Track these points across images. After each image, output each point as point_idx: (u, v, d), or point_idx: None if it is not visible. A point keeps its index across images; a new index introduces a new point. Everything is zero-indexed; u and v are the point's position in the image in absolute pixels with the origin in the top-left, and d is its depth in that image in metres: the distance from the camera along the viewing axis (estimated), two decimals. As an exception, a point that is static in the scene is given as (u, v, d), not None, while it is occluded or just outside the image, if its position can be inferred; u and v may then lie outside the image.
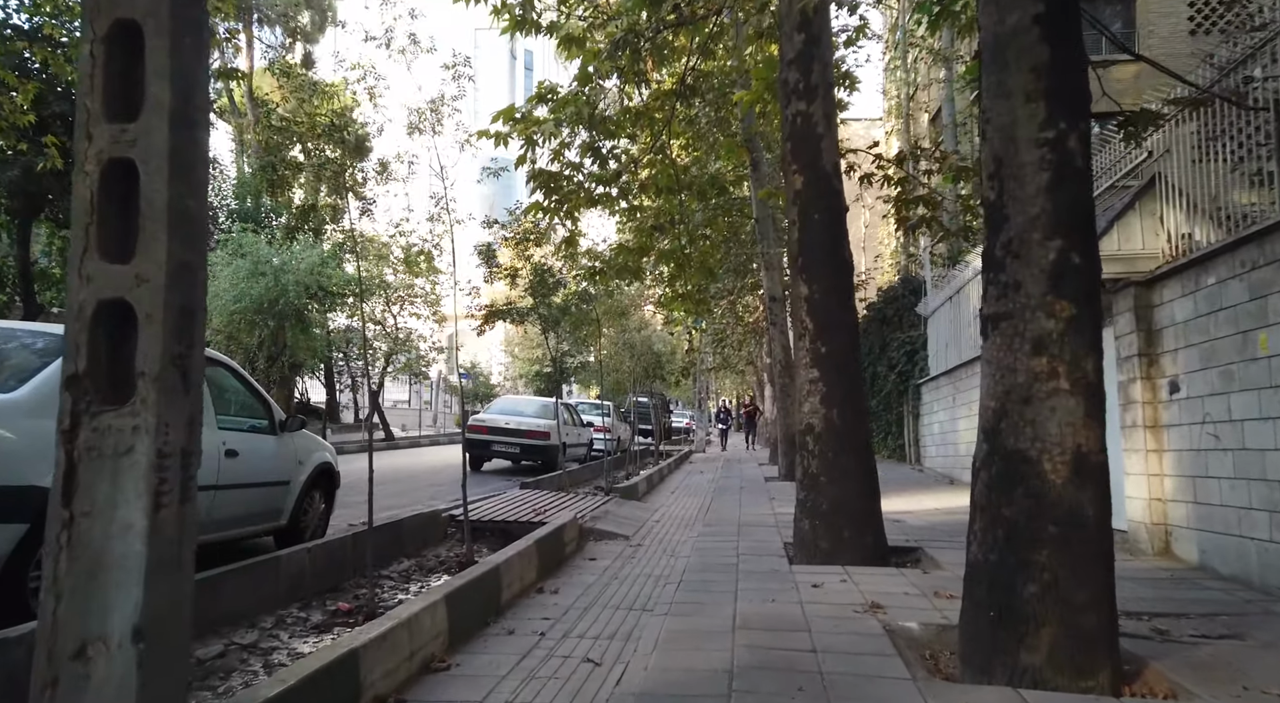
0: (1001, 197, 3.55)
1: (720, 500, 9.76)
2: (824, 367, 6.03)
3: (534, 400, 15.78)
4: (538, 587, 4.90)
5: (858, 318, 6.33)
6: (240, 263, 17.44)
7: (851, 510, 5.86)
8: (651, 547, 6.57)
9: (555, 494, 9.07)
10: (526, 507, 7.77)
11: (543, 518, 7.06)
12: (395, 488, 10.45)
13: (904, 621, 4.02)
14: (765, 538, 6.73)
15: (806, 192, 6.17)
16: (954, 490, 10.42)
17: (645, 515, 8.35)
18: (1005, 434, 3.47)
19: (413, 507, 8.28)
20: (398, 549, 5.90)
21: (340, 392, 35.44)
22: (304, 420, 5.50)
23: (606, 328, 14.87)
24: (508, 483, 11.44)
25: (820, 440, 5.98)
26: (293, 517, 5.38)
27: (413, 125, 5.82)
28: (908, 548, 6.34)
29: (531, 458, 13.35)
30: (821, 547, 5.84)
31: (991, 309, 3.59)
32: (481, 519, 6.94)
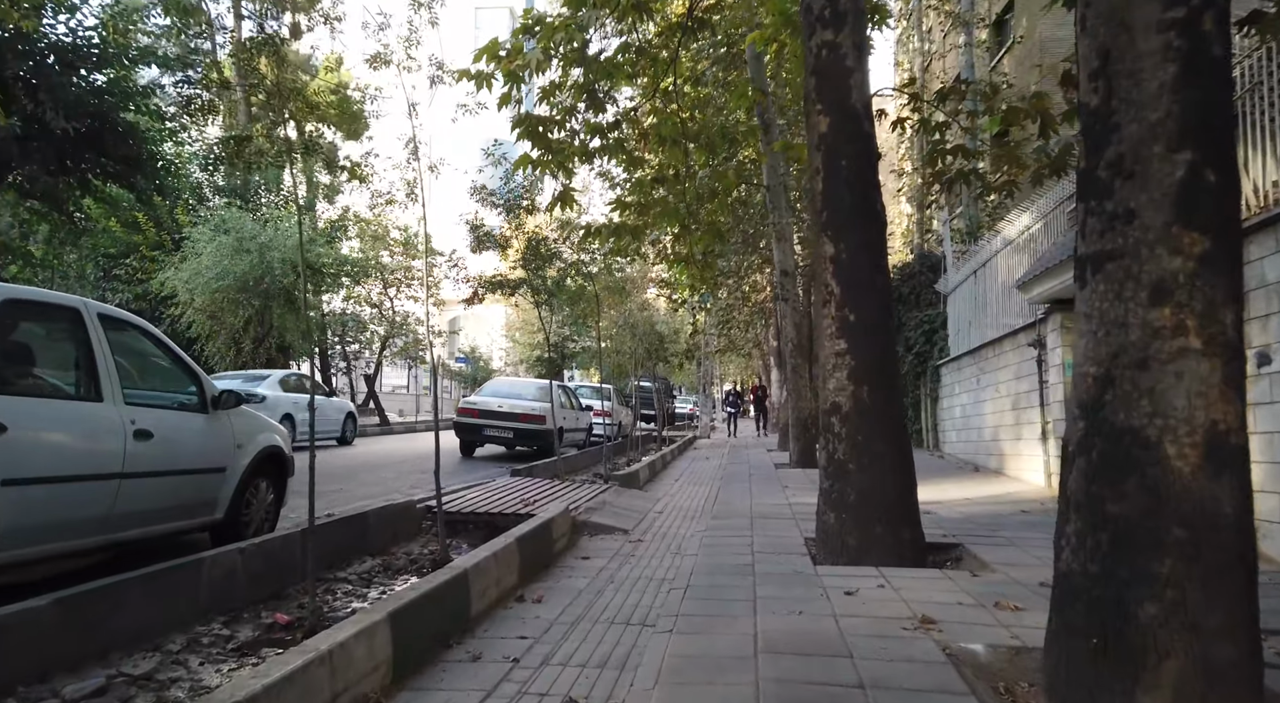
0: (1109, 101, 2.73)
1: (729, 489, 8.99)
2: (853, 337, 5.23)
3: (530, 383, 15.00)
4: (518, 594, 4.12)
5: (891, 281, 5.53)
6: (223, 239, 16.64)
7: (884, 502, 5.08)
8: (654, 543, 5.79)
9: (548, 483, 8.30)
10: (515, 497, 7.00)
11: (531, 510, 6.29)
12: (379, 475, 9.70)
13: (966, 642, 3.25)
14: (782, 533, 5.95)
15: (833, 134, 5.35)
16: (981, 478, 9.64)
17: (647, 506, 7.59)
18: (1113, 409, 2.67)
19: (389, 496, 7.53)
20: (362, 546, 5.13)
21: (335, 376, 34.73)
22: (241, 396, 4.70)
23: (607, 307, 14.08)
24: (500, 470, 10.68)
25: (848, 422, 5.19)
26: (231, 510, 4.60)
27: (379, 57, 4.96)
28: (946, 545, 5.56)
29: (526, 443, 12.59)
30: (849, 544, 5.06)
31: (1092, 247, 2.78)
32: (461, 511, 6.17)
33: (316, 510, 6.60)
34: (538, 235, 9.08)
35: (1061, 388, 7.94)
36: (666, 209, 6.26)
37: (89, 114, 12.42)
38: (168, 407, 4.28)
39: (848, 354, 5.25)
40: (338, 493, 7.85)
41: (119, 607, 3.08)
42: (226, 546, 3.81)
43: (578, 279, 10.65)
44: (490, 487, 7.67)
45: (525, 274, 8.87)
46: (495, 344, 52.29)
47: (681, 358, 19.46)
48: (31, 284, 17.41)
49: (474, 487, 7.67)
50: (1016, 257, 9.77)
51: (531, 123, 5.80)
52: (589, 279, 10.54)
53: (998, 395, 10.23)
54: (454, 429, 12.99)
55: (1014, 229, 9.87)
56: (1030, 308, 8.89)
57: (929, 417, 13.93)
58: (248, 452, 4.73)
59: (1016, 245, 9.83)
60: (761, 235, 14.97)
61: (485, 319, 54.28)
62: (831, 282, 5.36)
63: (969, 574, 4.61)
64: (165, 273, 16.74)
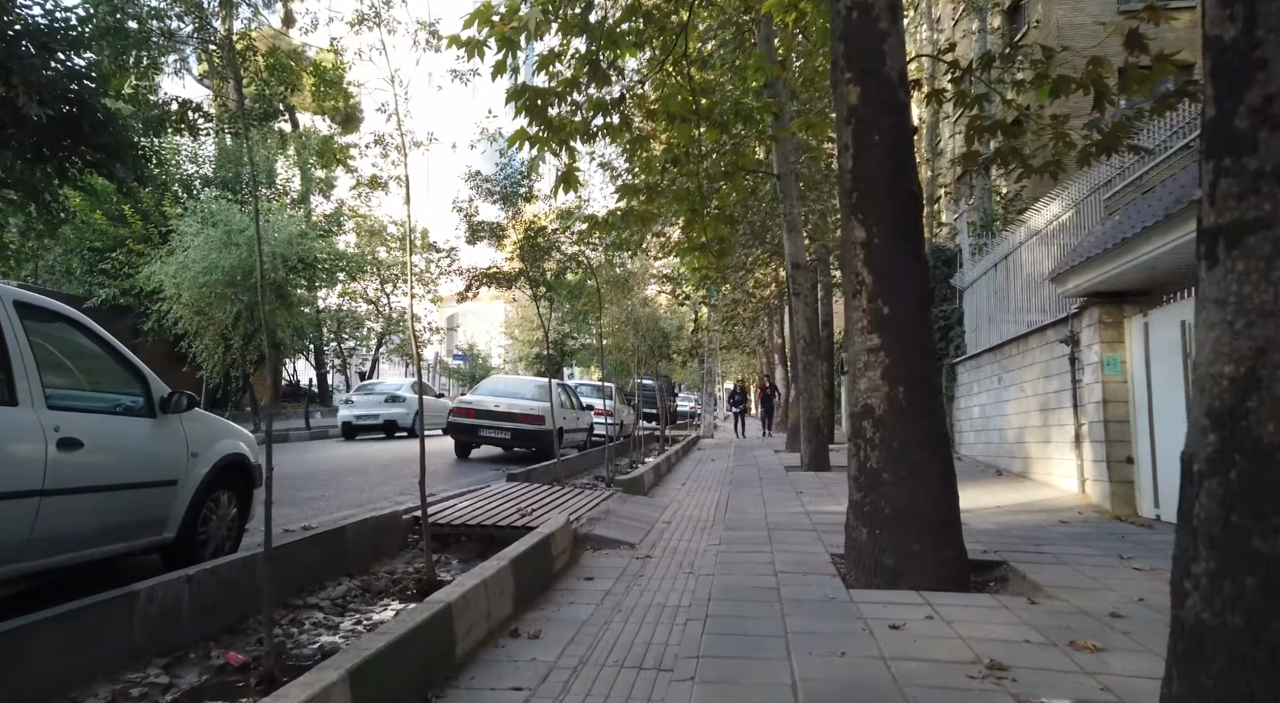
0: (1251, 30, 2.17)
1: (739, 495, 8.44)
2: (887, 332, 4.69)
3: (528, 381, 14.42)
4: (512, 628, 3.57)
5: (928, 269, 4.99)
6: (211, 232, 16.07)
7: (924, 517, 4.53)
8: (663, 560, 5.25)
9: (547, 488, 7.75)
10: (511, 505, 6.45)
11: (529, 520, 5.74)
12: (368, 480, 9.15)
13: (1049, 696, 2.70)
14: (805, 548, 5.40)
15: (864, 105, 4.79)
16: (1006, 483, 9.10)
17: (653, 515, 7.04)
18: (1259, 418, 2.11)
19: (375, 504, 6.98)
20: (339, 565, 4.58)
21: (329, 373, 34.20)
22: (193, 398, 4.13)
23: (608, 303, 13.52)
24: (496, 473, 10.14)
25: (882, 426, 4.65)
26: (184, 528, 4.03)
27: (361, 15, 4.38)
28: (988, 562, 5.02)
29: (524, 445, 12.02)
30: (885, 564, 4.52)
31: (1227, 216, 2.22)
32: (453, 523, 5.62)
33: (293, 522, 6.07)
34: (535, 226, 8.53)
35: (1099, 388, 7.39)
36: (679, 192, 5.71)
37: (66, 99, 11.87)
38: (104, 411, 3.71)
39: (881, 351, 4.71)
40: (319, 501, 7.30)
41: (26, 654, 2.53)
42: (171, 573, 3.26)
43: (577, 272, 10.09)
44: (485, 493, 7.12)
45: (522, 266, 8.30)
46: (494, 341, 51.74)
47: (685, 355, 18.88)
48: (11, 279, 16.86)
49: (467, 493, 7.11)
50: (1044, 248, 9.22)
51: (529, 95, 5.24)
52: (591, 273, 9.98)
53: (1022, 395, 9.69)
54: (448, 430, 12.43)
55: (1041, 219, 9.32)
56: (1064, 302, 8.35)
57: (945, 416, 13.36)
58: (205, 461, 4.16)
59: (1044, 236, 9.28)
60: (769, 229, 14.41)
61: (484, 316, 53.71)
62: (862, 270, 4.81)
63: (1025, 601, 4.06)
64: (151, 267, 16.17)
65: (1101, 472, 7.40)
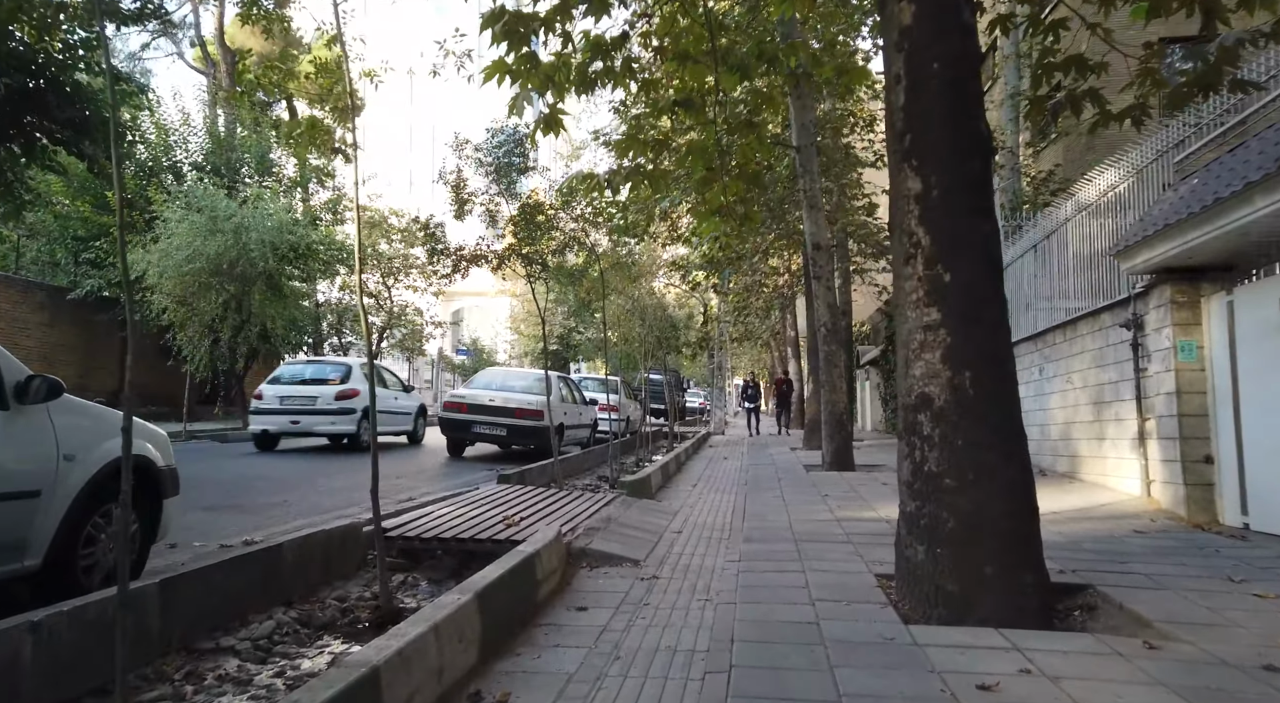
0: None
1: (758, 498, 7.56)
2: (948, 305, 3.80)
3: (526, 373, 13.49)
4: (472, 690, 2.70)
5: (999, 229, 4.08)
6: (195, 218, 15.25)
7: (997, 531, 3.65)
8: (673, 580, 4.37)
9: (542, 492, 6.89)
10: (497, 513, 5.58)
11: (515, 532, 4.88)
12: (342, 482, 8.30)
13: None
14: (843, 565, 4.52)
15: (920, 28, 3.90)
16: (1055, 485, 8.18)
17: (661, 522, 6.16)
18: None
19: (342, 512, 6.13)
20: (275, 593, 3.72)
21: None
22: (57, 384, 3.24)
23: (613, 292, 12.66)
24: (489, 473, 9.29)
25: (943, 421, 3.76)
26: (55, 552, 3.15)
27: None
28: (1070, 586, 4.12)
29: (522, 442, 11.15)
30: (948, 590, 3.64)
31: None
32: (423, 536, 4.75)
33: (240, 534, 5.20)
34: (533, 200, 7.67)
35: (1171, 377, 6.47)
36: (694, 145, 4.82)
37: (31, 72, 11.08)
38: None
39: (941, 328, 3.81)
40: (277, 508, 6.45)
41: None
42: (9, 619, 2.40)
43: (580, 254, 9.22)
44: (470, 498, 6.25)
45: (515, 243, 7.44)
46: (500, 336, 50.85)
47: (694, 348, 17.98)
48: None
49: (450, 498, 6.25)
50: (1095, 224, 8.28)
51: (509, 21, 4.35)
52: (594, 257, 9.10)
53: (1070, 387, 8.76)
54: (440, 426, 11.58)
55: (1092, 191, 8.37)
56: (1120, 283, 7.42)
57: (974, 412, 12.43)
58: (85, 465, 3.28)
59: (1094, 210, 8.34)
60: (785, 209, 13.46)
61: (489, 311, 52.86)
62: (917, 229, 3.91)
63: (1140, 644, 3.16)
64: (133, 254, 15.37)
65: (1173, 473, 6.48)
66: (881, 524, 5.92)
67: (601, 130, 13.29)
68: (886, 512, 6.54)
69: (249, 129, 21.05)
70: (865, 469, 10.00)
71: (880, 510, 6.60)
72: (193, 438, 13.92)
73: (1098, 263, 8.06)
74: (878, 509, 6.66)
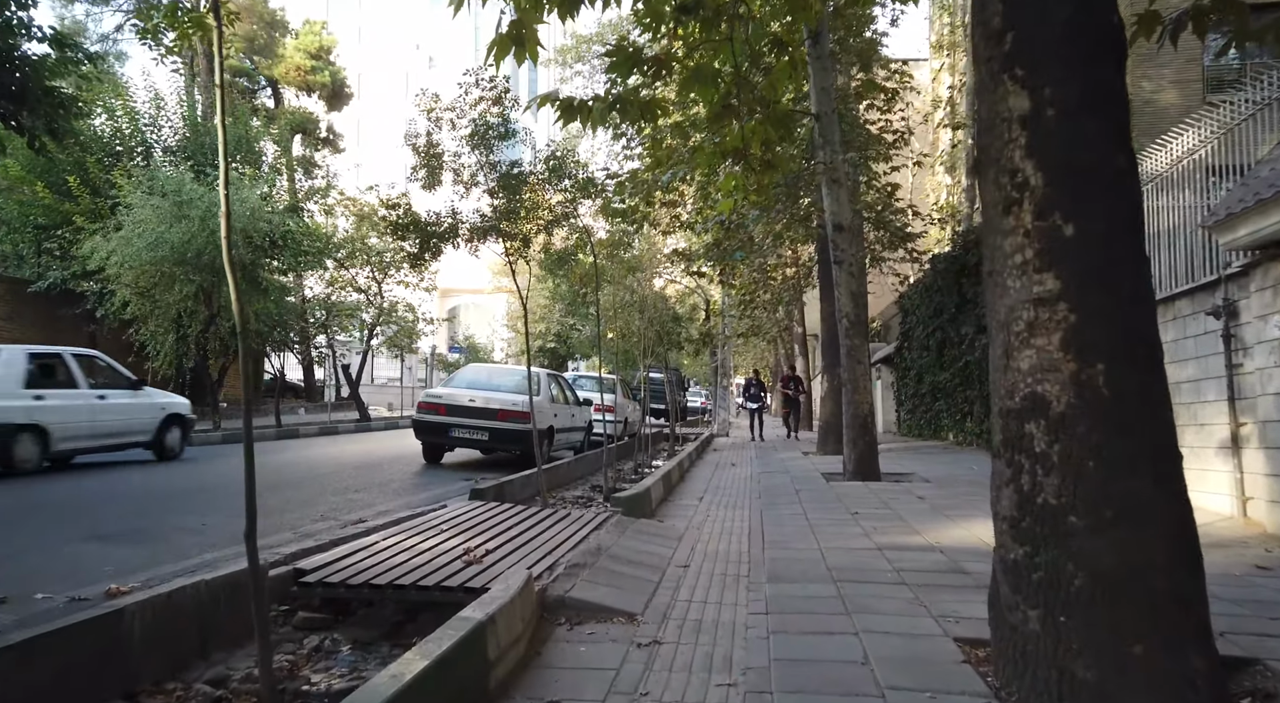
0: None
1: (776, 516, 6.44)
2: (1070, 270, 2.69)
3: (512, 370, 12.32)
4: None
5: (1137, 163, 2.96)
6: (159, 203, 14.10)
7: (1148, 593, 2.54)
8: (680, 649, 3.23)
9: (520, 510, 5.76)
10: (458, 543, 4.46)
11: (475, 575, 3.75)
12: (293, 496, 7.16)
13: None
14: (906, 623, 3.39)
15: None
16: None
17: (663, 552, 5.03)
18: None
19: (265, 540, 4.97)
20: (111, 679, 2.60)
21: (322, 368, 32.31)
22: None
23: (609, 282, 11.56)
24: (468, 484, 8.17)
25: (1064, 432, 2.65)
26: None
27: None
28: (1232, 660, 3.00)
29: (506, 447, 10.01)
30: (1079, 678, 2.54)
31: None
32: (348, 582, 3.61)
33: (125, 572, 4.06)
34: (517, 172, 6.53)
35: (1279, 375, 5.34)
36: (701, 68, 3.69)
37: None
38: None
39: (1060, 302, 2.69)
40: (191, 536, 5.27)
41: None
42: None
43: (572, 236, 8.10)
44: (429, 521, 5.12)
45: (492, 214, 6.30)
46: (497, 335, 49.64)
47: (697, 344, 16.82)
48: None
49: (405, 522, 5.11)
50: (1167, 196, 7.15)
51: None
52: (585, 240, 7.99)
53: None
54: (414, 429, 10.43)
55: (1163, 159, 7.24)
56: (1203, 265, 6.31)
57: (1006, 413, 11.30)
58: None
59: (1164, 182, 7.21)
60: (795, 196, 12.32)
61: (486, 308, 51.68)
62: (1023, 165, 2.79)
63: None
64: (93, 241, 14.21)
65: None
66: (935, 556, 4.80)
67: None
68: (935, 536, 5.41)
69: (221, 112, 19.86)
70: (892, 479, 8.87)
71: (927, 535, 5.48)
72: (151, 441, 12.77)
73: (1171, 241, 6.93)
74: (924, 533, 5.54)
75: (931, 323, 14.47)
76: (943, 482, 8.53)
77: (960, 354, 12.94)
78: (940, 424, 14.67)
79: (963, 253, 12.80)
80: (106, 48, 23.08)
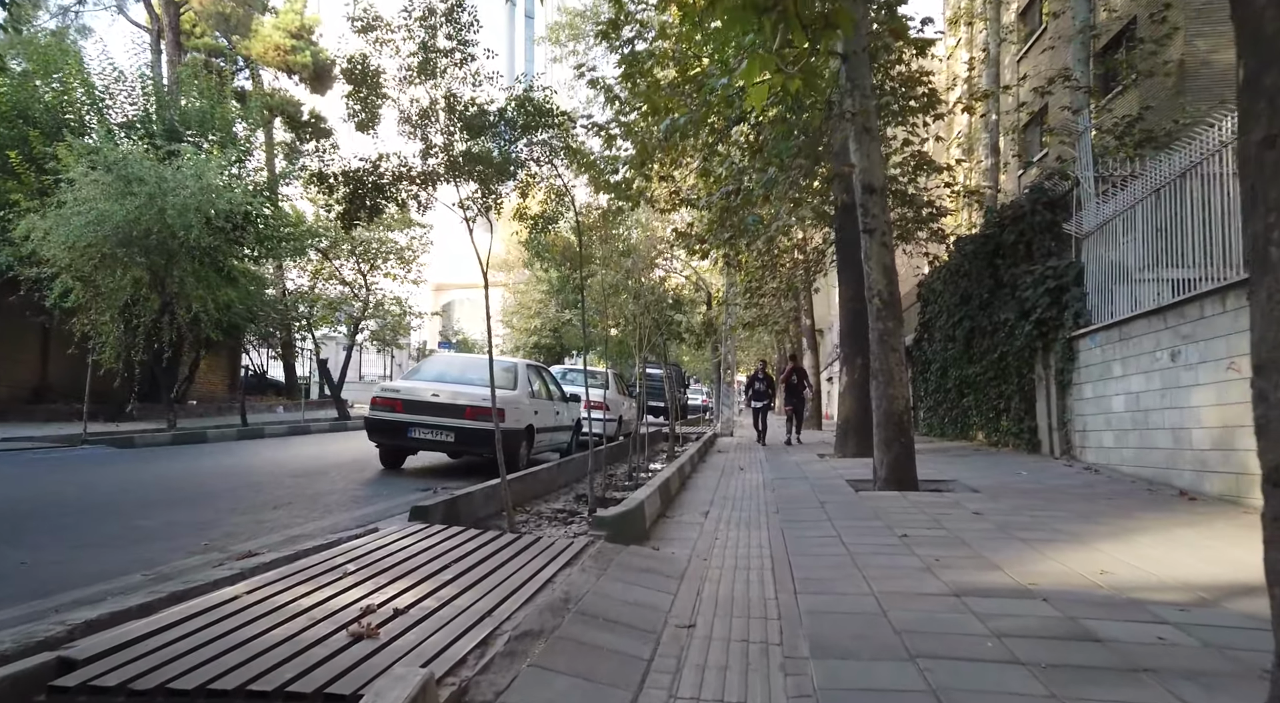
0: None
1: (803, 540, 5.05)
2: None
3: (486, 361, 10.73)
4: None
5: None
6: (102, 177, 12.67)
7: None
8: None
9: (469, 538, 4.37)
10: (358, 597, 3.07)
11: (354, 661, 2.35)
12: (212, 509, 5.78)
13: None
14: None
15: None
16: (1210, 515, 5.67)
17: (657, 602, 3.63)
18: None
19: (111, 586, 3.60)
20: None
21: (300, 362, 30.94)
22: None
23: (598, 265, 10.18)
24: (424, 496, 6.78)
25: None
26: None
27: None
28: None
29: (476, 450, 8.57)
30: None
31: None
32: (130, 686, 2.20)
33: None
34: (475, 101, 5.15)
35: None
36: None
37: None
38: None
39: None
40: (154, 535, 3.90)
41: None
42: None
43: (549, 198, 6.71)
44: (337, 555, 3.73)
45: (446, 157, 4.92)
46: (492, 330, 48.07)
47: (699, 335, 15.37)
48: None
49: (305, 556, 3.72)
50: None
51: None
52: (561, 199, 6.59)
53: (1227, 378, 6.27)
54: (366, 430, 8.99)
55: None
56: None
57: (1053, 408, 9.92)
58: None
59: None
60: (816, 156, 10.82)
61: (480, 303, 50.20)
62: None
63: None
64: (28, 221, 12.78)
65: None
66: (1040, 608, 3.41)
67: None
68: (1023, 573, 4.02)
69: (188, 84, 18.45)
70: (932, 488, 7.49)
71: (1011, 570, 4.08)
72: (85, 442, 11.39)
73: None
74: (1005, 568, 4.15)
75: (958, 311, 13.07)
76: (994, 492, 7.14)
77: (995, 345, 11.54)
78: (968, 423, 13.28)
79: (997, 231, 11.40)
80: (65, 21, 21.71)
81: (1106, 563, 4.25)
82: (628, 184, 11.05)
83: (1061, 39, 14.33)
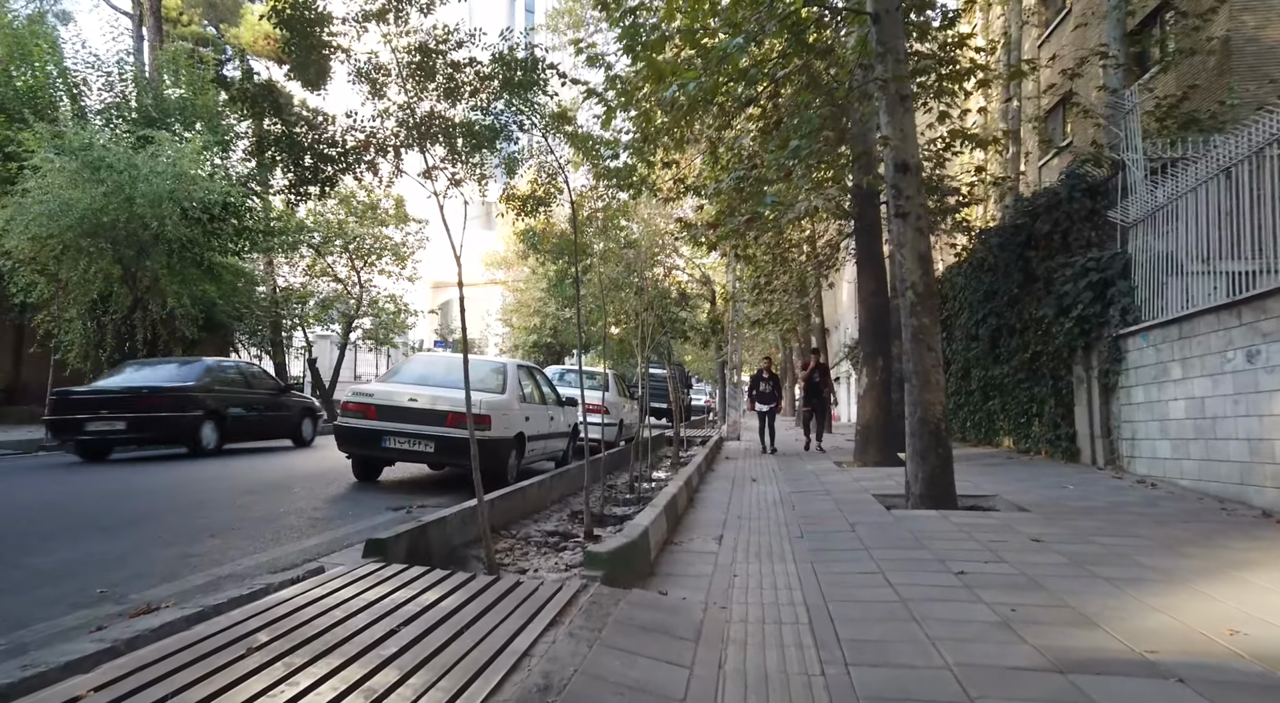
0: None
1: (839, 579, 4.20)
2: None
3: (477, 362, 9.88)
4: None
5: None
6: (66, 163, 11.83)
7: None
8: None
9: (433, 582, 3.50)
10: (254, 693, 2.20)
11: None
12: (134, 537, 4.94)
13: None
14: None
15: None
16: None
17: (667, 685, 2.78)
18: None
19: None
20: None
21: (296, 364, 30.14)
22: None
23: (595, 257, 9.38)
24: (400, 513, 5.92)
25: None
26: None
27: None
28: None
29: (459, 461, 7.67)
30: None
31: None
32: None
33: None
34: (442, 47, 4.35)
35: None
36: None
37: None
38: None
39: None
40: None
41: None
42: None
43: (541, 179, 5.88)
44: (250, 613, 2.88)
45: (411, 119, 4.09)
46: (490, 329, 47.15)
47: (704, 333, 14.47)
48: None
49: (209, 619, 2.87)
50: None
51: None
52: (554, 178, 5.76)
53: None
54: (335, 439, 8.10)
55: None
56: None
57: (1096, 414, 9.05)
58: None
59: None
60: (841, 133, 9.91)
61: (479, 301, 49.21)
62: None
63: None
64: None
65: None
66: (1175, 689, 2.54)
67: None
68: (1131, 633, 3.14)
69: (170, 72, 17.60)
70: (971, 506, 6.64)
71: (1113, 628, 3.22)
72: (43, 449, 10.54)
73: None
74: (1105, 624, 3.28)
75: (982, 308, 12.20)
76: (1045, 511, 6.28)
77: (1025, 344, 10.67)
78: (994, 427, 12.41)
79: (1029, 220, 10.52)
80: (44, 6, 20.88)
81: (1229, 616, 3.40)
82: (629, 170, 10.20)
83: (1095, 15, 13.42)
